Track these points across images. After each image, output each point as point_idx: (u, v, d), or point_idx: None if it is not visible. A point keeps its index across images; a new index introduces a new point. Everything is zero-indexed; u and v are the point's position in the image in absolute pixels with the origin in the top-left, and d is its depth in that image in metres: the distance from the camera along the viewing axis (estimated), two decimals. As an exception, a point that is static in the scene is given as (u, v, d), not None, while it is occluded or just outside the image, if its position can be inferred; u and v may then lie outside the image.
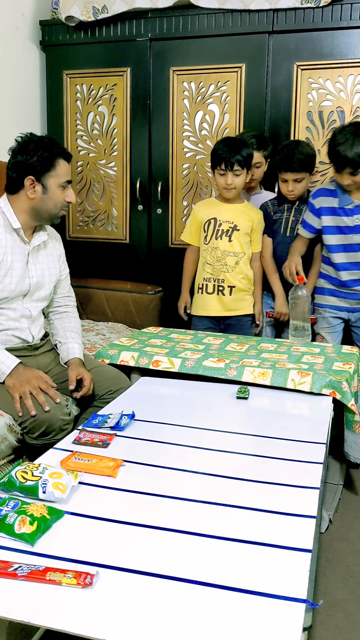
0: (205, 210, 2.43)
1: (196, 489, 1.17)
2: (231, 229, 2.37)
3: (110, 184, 2.97)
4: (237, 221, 2.37)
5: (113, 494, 1.15)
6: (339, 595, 1.61)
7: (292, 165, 2.31)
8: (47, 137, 1.81)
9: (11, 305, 1.79)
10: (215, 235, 2.38)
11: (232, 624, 0.80)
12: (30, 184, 1.74)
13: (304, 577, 0.90)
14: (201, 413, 1.64)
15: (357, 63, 2.50)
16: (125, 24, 2.78)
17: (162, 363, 1.90)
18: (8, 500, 1.06)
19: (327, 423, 1.55)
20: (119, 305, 2.80)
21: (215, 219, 2.39)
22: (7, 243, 1.76)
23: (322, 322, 2.39)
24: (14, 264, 1.76)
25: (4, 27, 2.73)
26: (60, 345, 1.92)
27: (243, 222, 2.38)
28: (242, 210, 2.40)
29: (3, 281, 1.75)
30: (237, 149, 2.26)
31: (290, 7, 2.50)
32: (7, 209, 1.77)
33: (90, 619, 0.81)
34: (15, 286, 1.77)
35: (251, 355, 1.97)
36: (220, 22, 2.63)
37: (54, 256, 1.93)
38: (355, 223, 2.22)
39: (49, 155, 1.74)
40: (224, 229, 2.38)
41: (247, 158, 2.29)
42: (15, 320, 1.81)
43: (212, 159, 2.33)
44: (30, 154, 1.73)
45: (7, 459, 1.65)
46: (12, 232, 1.77)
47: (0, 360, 1.68)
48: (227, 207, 2.40)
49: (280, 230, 2.44)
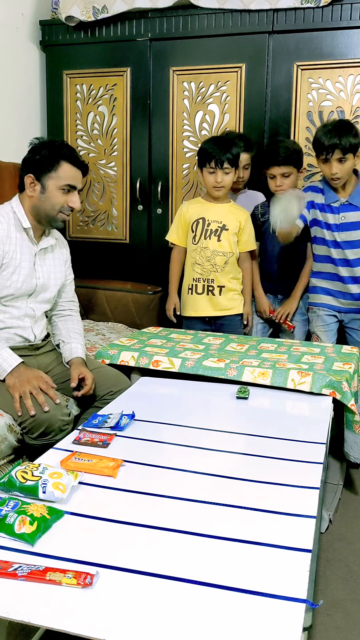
0: (193, 210, 2.41)
1: (196, 489, 1.17)
2: (220, 228, 2.36)
3: (110, 184, 2.97)
4: (226, 221, 2.37)
5: (113, 494, 1.15)
6: (339, 595, 1.61)
7: (277, 159, 2.31)
8: (61, 142, 1.81)
9: (16, 303, 1.80)
10: (204, 235, 2.37)
11: (232, 624, 0.80)
12: (30, 182, 1.75)
13: (304, 577, 0.90)
14: (201, 413, 1.64)
15: (357, 63, 2.50)
16: (125, 24, 2.78)
17: (162, 363, 1.90)
18: (8, 500, 1.06)
19: (327, 423, 1.55)
20: (119, 305, 2.80)
21: (203, 218, 2.38)
22: (17, 241, 1.77)
23: (317, 321, 2.39)
24: (22, 263, 1.78)
25: (4, 27, 2.73)
26: (63, 345, 1.92)
27: (231, 222, 2.37)
28: (229, 209, 2.39)
29: (10, 278, 1.76)
30: (227, 147, 2.26)
31: (290, 7, 2.50)
32: (19, 209, 1.78)
33: (90, 619, 0.81)
34: (22, 284, 1.78)
35: (251, 355, 1.97)
36: (220, 22, 2.63)
37: (60, 260, 1.94)
38: (341, 221, 2.23)
39: (51, 155, 1.74)
40: (212, 228, 2.37)
41: (236, 156, 2.29)
42: (19, 319, 1.81)
43: (200, 157, 2.32)
44: (36, 152, 1.74)
45: (7, 459, 1.65)
46: (22, 231, 1.79)
47: (3, 358, 1.68)
48: (215, 207, 2.39)
49: (269, 231, 2.43)
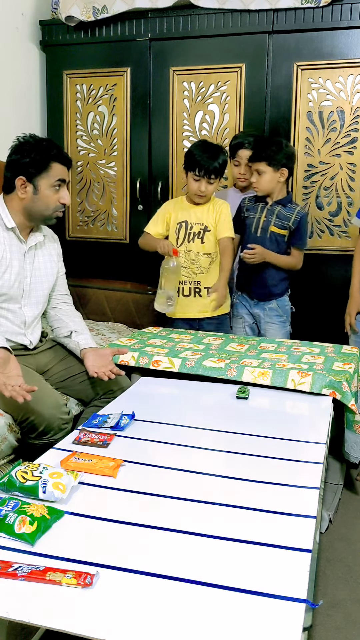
0: (177, 212, 2.39)
1: (196, 489, 1.17)
2: (202, 230, 2.35)
3: (110, 184, 2.97)
4: (207, 221, 2.35)
5: (113, 494, 1.15)
6: (339, 595, 1.61)
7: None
8: (47, 140, 1.80)
9: (11, 307, 1.80)
10: (187, 238, 2.36)
11: (232, 624, 0.80)
12: (22, 184, 1.74)
13: (304, 577, 0.89)
14: (201, 413, 1.64)
15: (357, 63, 2.50)
16: (125, 24, 2.78)
17: (162, 363, 1.90)
18: (8, 500, 1.06)
19: (327, 423, 1.55)
20: (119, 305, 2.80)
21: (186, 222, 2.37)
22: (5, 241, 1.77)
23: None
24: (12, 262, 1.77)
25: (4, 27, 2.73)
26: (77, 335, 1.92)
27: (211, 220, 2.35)
28: (209, 208, 2.37)
29: (2, 277, 1.75)
30: (215, 156, 2.22)
31: (290, 7, 2.50)
32: (3, 209, 1.77)
33: (90, 619, 0.81)
34: (14, 282, 1.78)
35: (251, 355, 1.96)
36: (220, 22, 2.63)
37: (52, 256, 1.93)
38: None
39: (42, 158, 1.73)
40: (195, 231, 2.36)
41: (222, 165, 2.26)
42: (14, 324, 1.82)
43: (187, 160, 2.28)
44: (24, 154, 1.72)
45: (7, 459, 1.65)
46: (8, 231, 1.78)
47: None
48: (196, 209, 2.37)
49: (251, 229, 2.42)
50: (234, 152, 2.50)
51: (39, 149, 1.73)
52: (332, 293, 2.60)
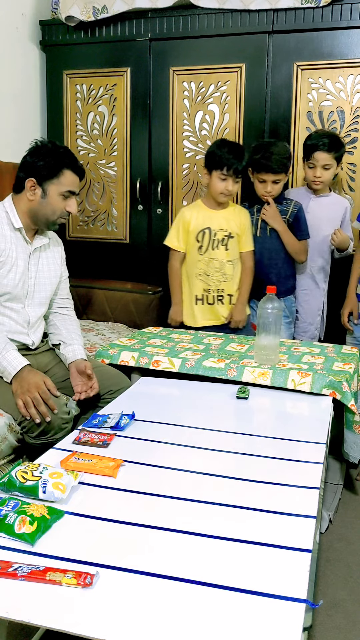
0: (196, 219, 2.36)
1: (196, 489, 1.17)
2: (226, 237, 2.34)
3: (110, 184, 2.97)
4: (230, 228, 2.35)
5: (113, 494, 1.15)
6: (339, 595, 1.61)
7: (272, 167, 2.28)
8: (64, 148, 1.82)
9: (14, 306, 1.81)
10: (212, 245, 2.34)
11: (232, 624, 0.80)
12: (31, 186, 1.75)
13: (304, 577, 0.89)
14: (201, 413, 1.64)
15: (357, 63, 2.50)
16: (125, 24, 2.78)
17: (162, 363, 1.90)
18: (8, 500, 1.06)
19: (327, 423, 1.55)
20: (119, 305, 2.79)
21: (209, 228, 2.34)
22: (11, 240, 1.78)
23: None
24: (18, 261, 1.79)
25: (4, 27, 2.73)
26: (65, 347, 1.91)
27: (235, 227, 2.35)
28: (231, 213, 2.37)
29: (7, 276, 1.77)
30: (241, 155, 2.24)
31: (290, 7, 2.50)
32: (11, 209, 1.79)
33: (90, 619, 0.81)
34: (19, 282, 1.79)
35: (251, 356, 1.96)
36: (220, 22, 2.63)
37: (55, 259, 1.94)
38: None
39: (56, 163, 1.75)
40: (219, 238, 2.34)
41: (245, 167, 2.29)
42: (17, 324, 1.82)
43: (211, 160, 2.27)
44: (39, 157, 1.75)
45: (7, 459, 1.65)
46: (15, 231, 1.79)
47: (8, 360, 1.68)
48: (218, 214, 2.36)
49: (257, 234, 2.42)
50: (308, 154, 2.39)
51: (54, 155, 1.76)
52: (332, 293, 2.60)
